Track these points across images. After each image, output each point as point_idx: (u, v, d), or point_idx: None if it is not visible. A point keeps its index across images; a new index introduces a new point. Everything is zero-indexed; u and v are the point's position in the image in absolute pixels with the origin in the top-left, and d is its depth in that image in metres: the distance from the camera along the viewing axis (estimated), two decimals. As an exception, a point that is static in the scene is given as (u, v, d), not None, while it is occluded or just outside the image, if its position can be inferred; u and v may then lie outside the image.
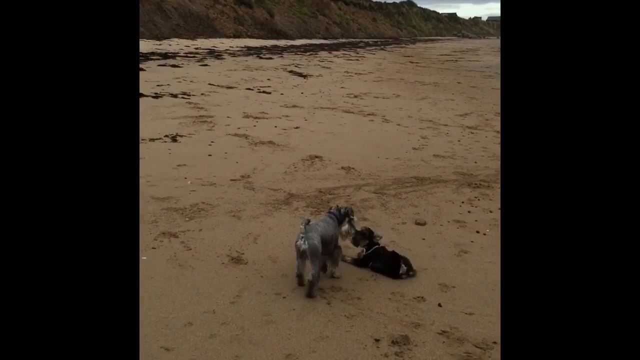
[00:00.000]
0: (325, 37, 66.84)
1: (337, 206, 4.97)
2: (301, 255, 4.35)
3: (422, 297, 4.43)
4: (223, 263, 4.80)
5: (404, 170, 8.34)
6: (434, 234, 5.81)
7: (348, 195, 6.89)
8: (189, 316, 3.93)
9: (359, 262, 5.00)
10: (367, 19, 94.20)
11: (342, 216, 4.76)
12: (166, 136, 9.42)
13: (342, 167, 8.21)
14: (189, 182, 7.04)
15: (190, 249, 5.03)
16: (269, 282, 4.50)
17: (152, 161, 7.89)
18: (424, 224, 6.08)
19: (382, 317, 4.08)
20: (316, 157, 8.73)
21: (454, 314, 4.19)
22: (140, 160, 7.85)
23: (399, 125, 12.19)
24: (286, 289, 4.41)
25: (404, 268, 4.83)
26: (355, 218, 4.85)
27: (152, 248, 4.99)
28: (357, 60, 33.63)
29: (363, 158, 8.90)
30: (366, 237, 5.07)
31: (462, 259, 5.20)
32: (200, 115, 11.55)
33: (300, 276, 4.45)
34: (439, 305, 4.32)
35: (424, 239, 5.64)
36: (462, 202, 6.90)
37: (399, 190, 7.27)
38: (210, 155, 8.47)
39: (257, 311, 4.06)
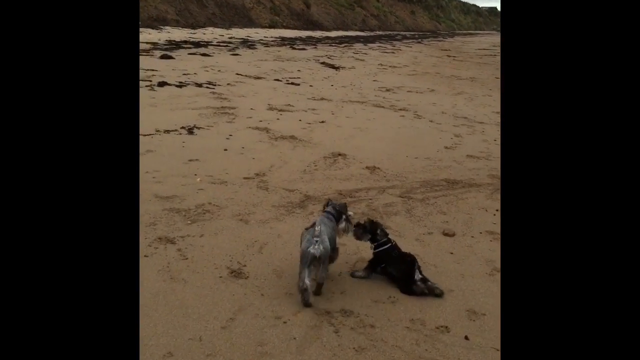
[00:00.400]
0: (361, 29, 65.90)
1: (329, 200, 4.53)
2: (312, 262, 3.87)
3: (447, 327, 3.78)
4: (221, 277, 4.22)
5: (434, 171, 7.65)
6: (464, 247, 5.14)
7: (370, 199, 6.24)
8: (171, 344, 3.36)
9: (370, 268, 4.40)
10: (405, 11, 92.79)
11: (339, 214, 4.37)
12: (182, 128, 8.90)
13: (367, 167, 7.57)
14: (198, 179, 6.48)
15: (186, 258, 4.46)
16: (270, 302, 3.90)
17: (162, 155, 7.36)
18: (453, 234, 5.41)
19: (397, 352, 3.45)
20: (339, 154, 8.09)
21: (483, 350, 3.54)
22: (149, 153, 7.35)
23: (431, 121, 11.47)
24: (288, 311, 3.81)
25: (419, 275, 4.19)
26: (351, 214, 4.49)
27: (145, 256, 4.44)
28: (393, 53, 32.79)
29: (390, 157, 8.24)
30: (367, 230, 4.43)
31: (494, 279, 4.52)
32: (222, 107, 11.01)
33: (306, 291, 3.86)
34: (466, 338, 3.67)
35: (452, 253, 4.97)
36: (497, 210, 6.19)
37: (426, 194, 6.59)
38: (226, 149, 7.91)
39: (251, 339, 3.46)
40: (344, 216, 4.42)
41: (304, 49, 29.26)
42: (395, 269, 4.28)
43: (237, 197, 5.97)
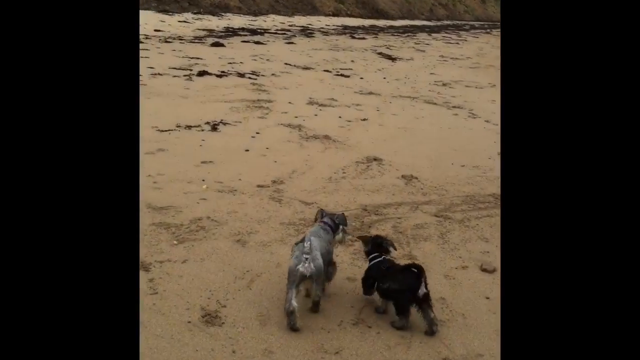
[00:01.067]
0: (428, 18, 63.72)
1: (322, 210, 4.03)
2: (301, 281, 3.44)
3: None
4: (189, 322, 3.39)
5: (481, 183, 6.58)
6: (504, 289, 4.10)
7: (399, 218, 5.27)
8: None
9: (364, 288, 3.69)
10: (475, 0, 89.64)
11: (337, 225, 3.90)
12: (207, 123, 8.13)
13: (403, 176, 6.58)
14: (204, 186, 5.68)
15: (155, 293, 3.66)
16: (240, 366, 3.04)
17: (174, 155, 6.60)
18: (493, 271, 4.39)
19: None
20: (375, 159, 7.14)
21: None
22: (160, 153, 6.62)
23: (487, 122, 10.30)
24: (261, 380, 2.94)
25: (423, 290, 3.36)
26: (347, 227, 4.02)
27: (107, 287, 3.64)
28: (457, 43, 31.09)
29: (432, 164, 7.21)
30: (368, 242, 3.77)
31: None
32: (258, 100, 10.19)
33: (292, 314, 3.36)
34: None
35: (488, 298, 3.97)
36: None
37: (468, 213, 5.57)
38: (247, 150, 7.09)
39: None
40: (341, 227, 3.91)
41: (363, 39, 28.10)
42: (392, 281, 3.46)
43: (242, 211, 5.12)
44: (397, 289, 3.44)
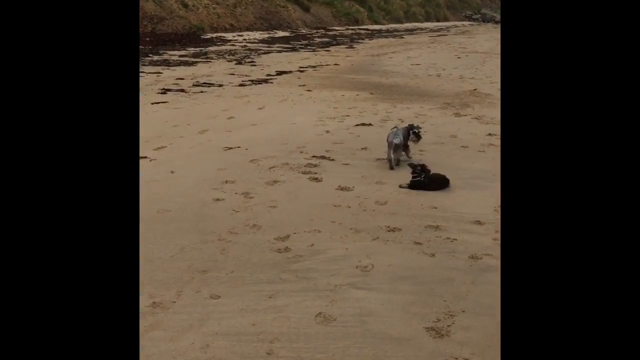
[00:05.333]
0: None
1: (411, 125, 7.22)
2: (394, 147, 6.61)
3: None
4: None
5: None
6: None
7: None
8: None
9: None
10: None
11: (409, 131, 6.99)
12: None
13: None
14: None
15: None
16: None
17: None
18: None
19: None
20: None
21: None
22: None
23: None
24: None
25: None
26: (422, 129, 7.29)
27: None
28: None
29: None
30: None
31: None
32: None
33: (391, 160, 6.65)
34: None
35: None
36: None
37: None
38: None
39: None
40: (411, 132, 6.99)
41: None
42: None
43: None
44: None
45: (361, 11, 45.91)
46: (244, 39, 27.23)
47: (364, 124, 9.10)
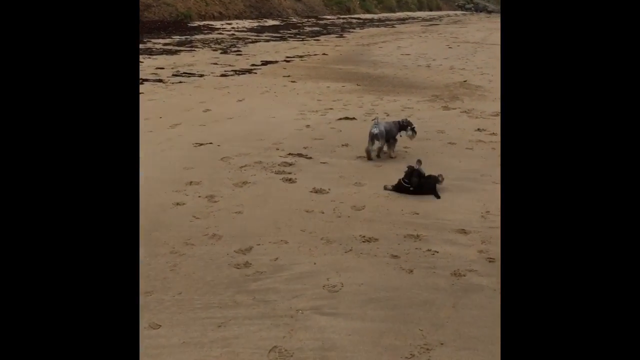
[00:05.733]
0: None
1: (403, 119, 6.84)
2: (372, 137, 6.30)
3: None
4: None
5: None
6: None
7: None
8: None
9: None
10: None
11: (403, 126, 6.65)
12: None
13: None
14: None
15: None
16: None
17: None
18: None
19: None
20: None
21: None
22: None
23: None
24: None
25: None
26: (415, 127, 6.76)
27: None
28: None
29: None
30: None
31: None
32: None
33: (368, 151, 6.42)
34: None
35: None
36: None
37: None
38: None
39: None
40: (409, 127, 6.65)
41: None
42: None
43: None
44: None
45: (353, 0, 45.17)
46: (232, 28, 26.58)
47: (347, 118, 8.58)
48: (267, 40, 22.04)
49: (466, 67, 15.46)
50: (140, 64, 13.83)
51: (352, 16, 40.97)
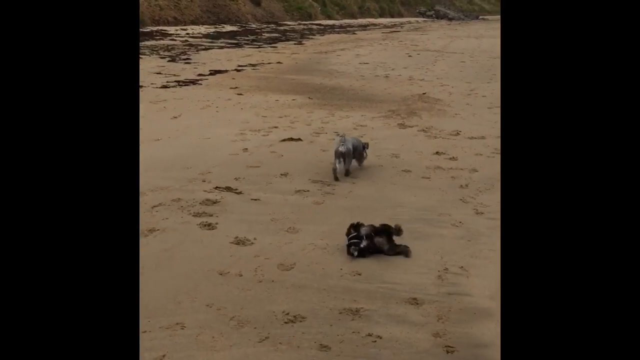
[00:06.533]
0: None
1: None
2: (339, 155, 5.73)
3: None
4: None
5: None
6: None
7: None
8: None
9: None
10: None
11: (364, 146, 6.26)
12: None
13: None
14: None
15: None
16: None
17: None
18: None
19: None
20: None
21: None
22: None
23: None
24: None
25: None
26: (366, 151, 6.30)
27: None
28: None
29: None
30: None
31: None
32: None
33: (335, 171, 5.75)
34: None
35: None
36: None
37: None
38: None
39: None
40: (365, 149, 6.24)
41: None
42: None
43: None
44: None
45: (314, 6, 44.23)
46: (187, 34, 25.33)
47: (291, 139, 7.56)
48: (222, 47, 20.93)
49: (425, 78, 14.60)
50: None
51: (313, 22, 39.91)
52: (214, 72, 14.00)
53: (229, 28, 29.75)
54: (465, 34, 36.04)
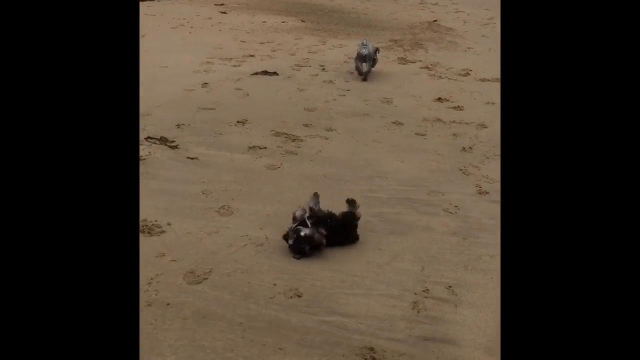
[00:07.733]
0: None
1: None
2: (361, 58, 6.11)
3: None
4: None
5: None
6: None
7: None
8: None
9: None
10: None
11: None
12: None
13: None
14: None
15: None
16: None
17: None
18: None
19: None
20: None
21: None
22: None
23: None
24: None
25: None
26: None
27: None
28: None
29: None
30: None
31: None
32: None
33: (359, 69, 6.16)
34: None
35: None
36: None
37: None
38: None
39: None
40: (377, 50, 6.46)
41: None
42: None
43: None
44: None
45: None
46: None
47: (265, 73, 6.16)
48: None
49: (439, 1, 12.82)
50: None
51: None
52: (202, -15, 12.27)
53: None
54: None
